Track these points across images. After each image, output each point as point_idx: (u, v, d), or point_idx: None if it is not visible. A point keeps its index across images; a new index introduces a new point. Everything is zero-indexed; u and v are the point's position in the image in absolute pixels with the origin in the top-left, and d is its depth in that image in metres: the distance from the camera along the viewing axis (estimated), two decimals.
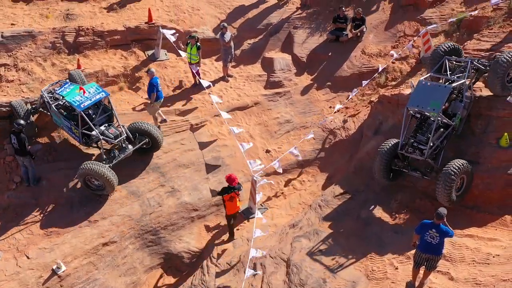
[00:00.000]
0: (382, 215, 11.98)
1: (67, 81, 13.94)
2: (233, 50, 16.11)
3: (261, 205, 13.41)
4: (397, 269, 10.45)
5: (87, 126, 12.80)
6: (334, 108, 15.47)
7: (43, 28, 15.63)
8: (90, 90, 13.08)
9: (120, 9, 16.98)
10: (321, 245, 11.60)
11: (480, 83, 12.45)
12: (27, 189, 12.85)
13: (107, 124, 13.27)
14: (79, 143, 13.32)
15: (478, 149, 11.71)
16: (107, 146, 13.24)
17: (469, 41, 14.12)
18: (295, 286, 10.78)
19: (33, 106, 13.74)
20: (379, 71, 15.40)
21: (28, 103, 13.81)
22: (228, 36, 15.63)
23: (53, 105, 13.17)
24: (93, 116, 13.08)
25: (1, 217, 11.91)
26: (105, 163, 12.66)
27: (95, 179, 12.48)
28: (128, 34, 16.16)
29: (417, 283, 9.84)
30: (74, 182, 12.98)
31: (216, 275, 11.80)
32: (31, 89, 14.25)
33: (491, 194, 11.41)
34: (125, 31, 16.14)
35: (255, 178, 12.60)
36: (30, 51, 15.02)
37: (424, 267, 9.56)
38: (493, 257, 10.00)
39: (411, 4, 17.02)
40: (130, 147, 13.18)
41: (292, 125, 15.60)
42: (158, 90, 13.95)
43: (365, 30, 16.87)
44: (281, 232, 12.50)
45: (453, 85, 11.46)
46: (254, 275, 11.13)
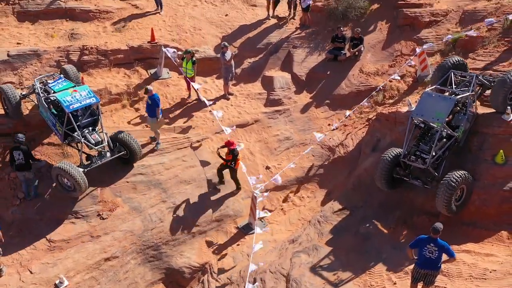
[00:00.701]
0: (380, 231, 12.13)
1: (61, 76, 14.16)
2: (233, 68, 16.37)
3: (260, 221, 13.57)
4: (395, 284, 10.54)
5: (71, 126, 12.96)
6: (332, 125, 15.74)
7: (48, 47, 15.97)
8: (82, 92, 13.17)
9: (123, 29, 17.33)
10: (320, 261, 11.73)
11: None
12: (31, 205, 13.01)
13: (91, 128, 13.45)
14: (60, 140, 13.54)
15: (474, 165, 11.90)
16: (88, 150, 13.43)
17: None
18: None
19: (23, 93, 14.09)
20: (377, 89, 15.69)
21: (18, 89, 14.21)
22: (228, 55, 15.91)
23: (42, 98, 13.37)
24: (79, 117, 13.27)
25: (5, 232, 12.02)
26: (80, 166, 12.89)
27: (66, 179, 12.66)
28: (131, 53, 16.49)
29: None
30: (77, 198, 13.17)
31: None
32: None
33: (487, 210, 11.56)
34: (128, 50, 16.48)
35: (255, 194, 12.79)
36: (35, 70, 15.33)
37: (422, 282, 9.63)
38: (490, 272, 10.11)
39: (407, 24, 17.41)
40: (108, 155, 13.39)
41: (291, 142, 15.83)
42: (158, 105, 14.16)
43: (363, 49, 17.21)
44: (280, 247, 12.64)
45: (458, 97, 11.76)
46: None
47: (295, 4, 18.72)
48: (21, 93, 14.13)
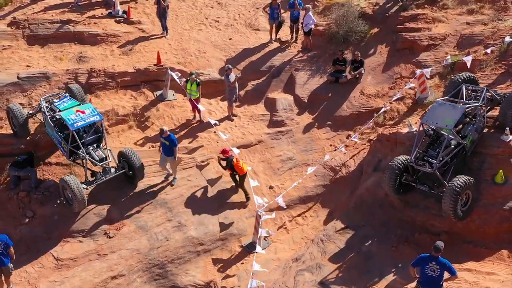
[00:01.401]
0: (382, 249, 12.29)
1: (67, 94, 14.54)
2: (237, 90, 16.63)
3: (264, 239, 13.74)
4: None
5: (76, 144, 13.27)
6: (334, 146, 16.01)
7: (57, 69, 16.37)
8: (86, 110, 13.50)
9: (130, 52, 17.73)
10: (323, 279, 11.89)
11: None
12: (39, 224, 13.25)
13: (95, 145, 13.78)
14: (65, 157, 13.86)
15: (474, 185, 12.06)
16: (92, 166, 13.75)
17: None
18: None
19: (30, 112, 14.52)
20: (380, 112, 15.96)
21: (25, 108, 14.69)
22: (232, 77, 16.18)
23: (48, 117, 13.74)
24: (84, 135, 13.60)
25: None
26: (84, 183, 13.23)
27: (68, 191, 12.95)
28: (137, 75, 16.85)
29: None
30: (84, 216, 13.39)
31: None
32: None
33: (487, 229, 11.74)
34: (135, 72, 16.85)
35: (259, 213, 13.01)
36: (44, 91, 15.69)
37: None
38: None
39: (407, 47, 17.73)
40: (112, 170, 13.68)
41: (294, 162, 16.07)
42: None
43: (363, 72, 17.56)
44: (284, 266, 12.79)
45: (467, 106, 12.13)
46: None
47: (297, 28, 19.14)
48: (28, 112, 14.52)
